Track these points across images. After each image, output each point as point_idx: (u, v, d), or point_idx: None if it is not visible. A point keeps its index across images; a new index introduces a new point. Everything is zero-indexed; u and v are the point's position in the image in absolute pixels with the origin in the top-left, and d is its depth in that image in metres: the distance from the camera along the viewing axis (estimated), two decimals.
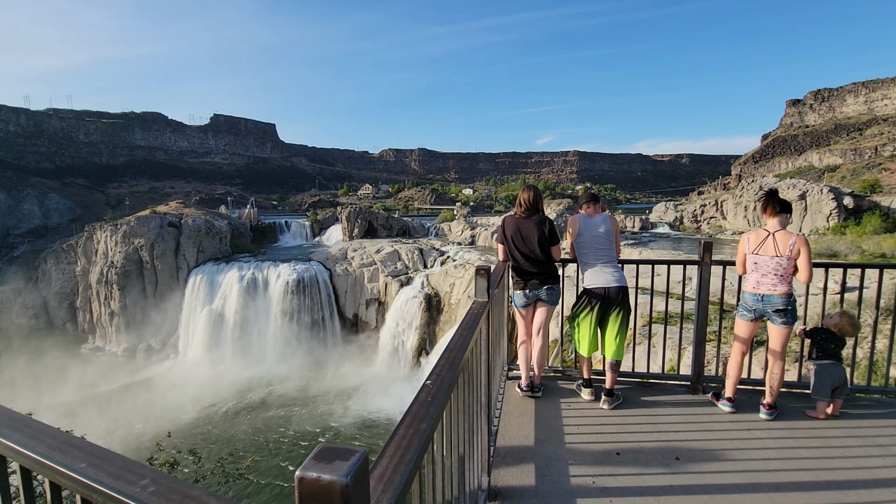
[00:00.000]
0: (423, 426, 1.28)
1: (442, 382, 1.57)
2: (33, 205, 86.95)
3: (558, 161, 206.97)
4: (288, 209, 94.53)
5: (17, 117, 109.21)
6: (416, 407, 1.39)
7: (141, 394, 36.97)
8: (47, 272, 55.07)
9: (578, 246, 5.17)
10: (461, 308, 37.39)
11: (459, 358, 1.93)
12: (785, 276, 4.60)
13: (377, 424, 31.62)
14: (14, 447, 1.04)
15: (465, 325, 2.33)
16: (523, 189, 5.32)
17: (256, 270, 44.59)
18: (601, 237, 5.05)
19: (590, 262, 5.06)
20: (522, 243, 5.07)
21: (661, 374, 5.71)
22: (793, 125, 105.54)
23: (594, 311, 4.93)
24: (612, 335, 4.94)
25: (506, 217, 5.40)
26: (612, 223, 5.13)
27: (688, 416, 4.71)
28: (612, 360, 4.94)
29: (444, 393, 1.51)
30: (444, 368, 1.74)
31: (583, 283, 5.16)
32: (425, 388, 1.51)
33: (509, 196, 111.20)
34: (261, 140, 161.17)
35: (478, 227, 56.21)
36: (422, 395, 1.47)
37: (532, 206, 5.13)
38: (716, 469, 3.69)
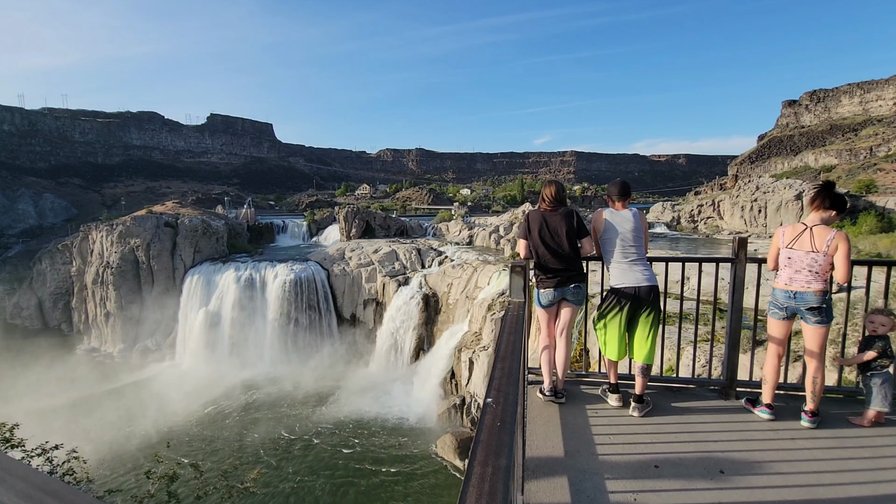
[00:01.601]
0: (502, 462, 1.10)
1: (507, 400, 1.41)
2: (28, 204, 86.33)
3: (556, 161, 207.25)
4: (285, 209, 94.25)
5: (12, 116, 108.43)
6: (485, 434, 1.22)
7: (137, 395, 36.71)
8: (42, 272, 54.66)
9: (604, 243, 4.87)
10: (459, 308, 37.33)
11: (516, 368, 1.75)
12: (820, 272, 4.29)
13: (375, 426, 31.50)
14: None
15: (510, 329, 2.16)
16: (546, 184, 5.12)
17: (254, 271, 44.40)
18: (630, 233, 4.75)
19: (617, 260, 4.75)
20: (550, 237, 4.84)
21: (691, 379, 5.39)
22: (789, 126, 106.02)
23: (623, 312, 4.65)
24: (642, 337, 4.66)
25: (530, 211, 5.15)
26: (641, 218, 4.84)
27: (725, 425, 4.43)
28: (643, 365, 4.65)
29: (512, 413, 1.34)
30: (502, 382, 1.56)
31: (609, 283, 4.86)
32: (489, 409, 1.35)
33: (507, 196, 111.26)
34: (258, 140, 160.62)
35: (475, 227, 56.16)
36: (487, 417, 1.30)
37: (557, 200, 4.96)
38: (765, 483, 3.44)
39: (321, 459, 27.71)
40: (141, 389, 37.80)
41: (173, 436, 30.79)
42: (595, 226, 4.96)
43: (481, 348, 31.47)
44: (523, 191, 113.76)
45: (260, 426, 32.03)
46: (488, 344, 31.18)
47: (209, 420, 33.22)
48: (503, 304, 32.18)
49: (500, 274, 36.44)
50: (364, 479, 25.80)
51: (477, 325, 33.03)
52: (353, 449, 28.95)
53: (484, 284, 36.60)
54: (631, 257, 4.72)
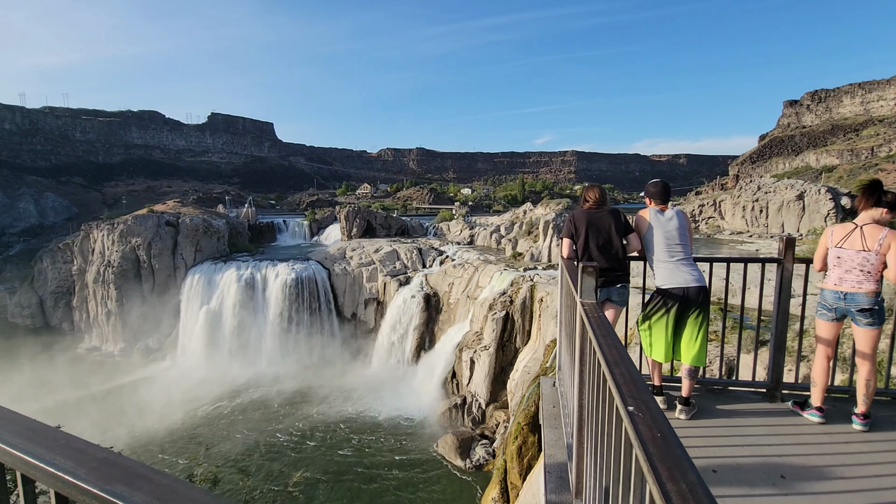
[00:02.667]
0: (692, 477, 1.05)
1: (650, 408, 1.35)
2: (29, 203, 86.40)
3: (556, 161, 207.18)
4: (286, 208, 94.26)
5: (13, 115, 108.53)
6: (652, 447, 1.15)
7: (137, 393, 36.74)
8: (43, 271, 54.69)
9: (648, 242, 4.77)
10: (460, 307, 37.34)
11: (638, 373, 1.67)
12: (872, 272, 4.13)
13: (376, 425, 31.50)
14: None
15: (601, 332, 2.10)
16: (588, 187, 5.10)
17: (254, 270, 44.42)
18: (675, 231, 4.66)
19: (663, 260, 4.66)
20: (597, 234, 4.78)
21: (734, 381, 5.27)
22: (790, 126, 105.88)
23: (670, 313, 4.54)
24: (690, 339, 4.55)
25: (574, 211, 5.12)
26: (685, 218, 4.76)
27: (776, 428, 4.33)
28: (691, 367, 4.55)
29: (665, 422, 1.28)
30: (631, 389, 1.49)
31: (655, 283, 4.74)
32: (638, 419, 1.29)
33: (508, 196, 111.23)
34: (258, 139, 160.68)
35: (476, 226, 56.14)
36: (643, 429, 1.23)
37: (601, 201, 4.94)
38: (829, 489, 3.34)
39: (321, 459, 27.72)
40: (142, 388, 37.83)
41: (175, 433, 30.83)
42: (638, 225, 4.90)
43: (482, 348, 31.46)
44: (524, 190, 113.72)
45: (259, 426, 32.04)
46: (489, 343, 31.17)
47: (209, 419, 33.24)
48: (504, 304, 32.15)
49: (502, 273, 36.41)
50: (364, 478, 25.82)
51: (478, 325, 33.02)
52: (354, 448, 28.96)
53: (485, 284, 36.58)
54: (677, 257, 4.63)
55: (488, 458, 27.07)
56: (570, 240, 4.98)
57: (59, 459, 0.93)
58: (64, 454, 0.95)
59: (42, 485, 0.96)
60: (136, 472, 0.90)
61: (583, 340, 2.57)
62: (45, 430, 1.03)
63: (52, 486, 0.93)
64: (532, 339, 30.88)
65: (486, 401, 30.68)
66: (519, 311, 31.38)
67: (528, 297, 31.53)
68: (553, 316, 28.76)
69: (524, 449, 22.25)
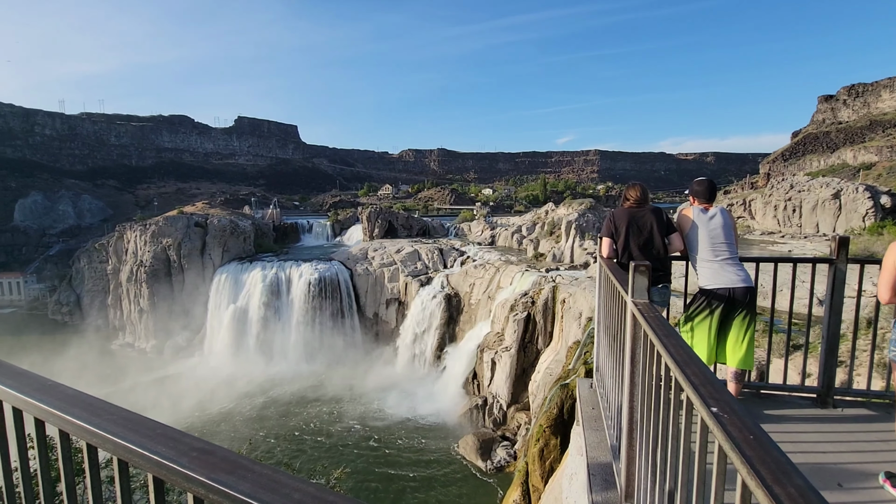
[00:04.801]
0: (799, 481, 1.02)
1: (734, 410, 1.32)
2: (67, 205, 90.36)
3: (579, 160, 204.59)
4: (309, 209, 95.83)
5: (53, 122, 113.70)
6: (748, 448, 1.11)
7: (167, 389, 37.88)
8: (80, 271, 57.08)
9: (691, 241, 4.65)
10: (481, 308, 37.23)
11: (713, 373, 1.61)
12: None
13: (396, 424, 31.70)
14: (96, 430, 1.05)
15: (663, 331, 2.04)
16: (630, 186, 5.02)
17: (279, 270, 45.32)
18: (720, 230, 4.54)
19: (707, 259, 4.52)
20: (639, 233, 4.70)
21: (782, 385, 5.05)
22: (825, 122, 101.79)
23: (714, 314, 4.41)
24: (736, 341, 4.41)
25: (614, 209, 5.05)
26: (730, 216, 4.63)
27: (829, 435, 4.16)
28: (738, 370, 4.42)
29: (756, 424, 1.25)
30: (714, 391, 1.44)
31: (699, 283, 4.61)
32: (725, 421, 1.25)
33: (529, 196, 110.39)
34: (283, 141, 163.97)
35: (498, 227, 55.90)
36: (734, 430, 1.20)
37: (643, 199, 4.87)
38: (889, 497, 3.25)
39: (341, 457, 28.02)
40: (172, 384, 39.02)
41: (201, 428, 31.69)
42: (680, 224, 4.79)
43: (504, 349, 31.29)
44: (546, 190, 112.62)
45: (281, 422, 32.65)
46: (511, 345, 30.97)
47: (234, 415, 34.03)
48: (526, 305, 31.90)
49: (523, 274, 36.15)
50: (384, 477, 25.98)
51: (499, 326, 32.85)
52: (374, 447, 29.19)
53: (506, 285, 36.38)
54: (722, 256, 4.50)
55: (509, 459, 26.90)
56: (609, 239, 4.91)
57: (160, 448, 0.98)
58: (163, 443, 1.00)
59: (137, 469, 1.01)
60: (235, 462, 0.94)
61: (634, 341, 2.51)
62: (141, 420, 1.09)
63: (151, 471, 0.98)
64: (554, 341, 30.53)
65: (508, 402, 30.50)
66: (541, 313, 31.09)
67: (551, 299, 31.20)
68: (576, 318, 28.35)
69: (546, 451, 22.02)
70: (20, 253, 77.98)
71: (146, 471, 0.99)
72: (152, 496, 1.01)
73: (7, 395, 1.27)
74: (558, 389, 23.90)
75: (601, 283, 4.67)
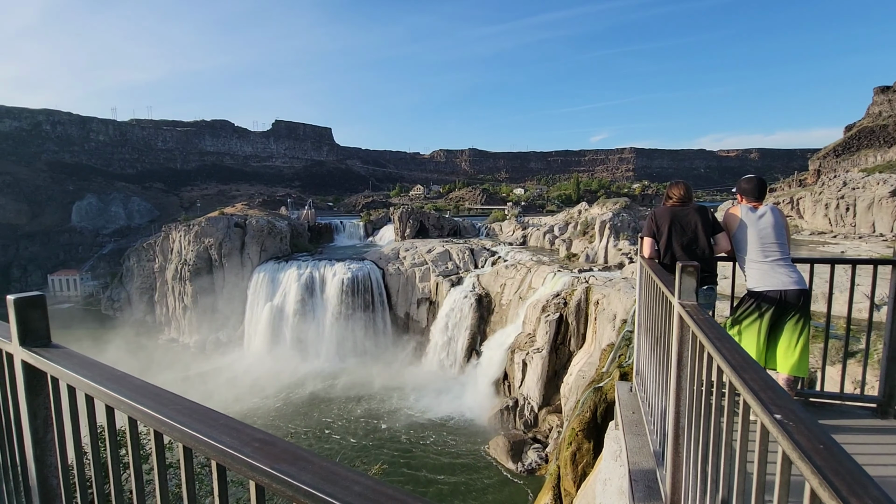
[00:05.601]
0: (875, 492, 0.98)
1: (800, 417, 1.26)
2: (119, 207, 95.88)
3: (613, 159, 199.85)
4: (343, 210, 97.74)
5: (106, 128, 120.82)
6: (819, 458, 1.07)
7: (208, 383, 39.53)
8: (130, 269, 60.39)
9: (739, 241, 4.48)
10: (512, 309, 36.97)
11: (773, 379, 1.57)
12: None
13: (427, 424, 31.90)
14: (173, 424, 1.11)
15: (715, 334, 1.97)
16: (673, 184, 4.86)
17: (314, 269, 46.49)
18: (771, 230, 4.35)
19: (757, 260, 4.34)
20: (682, 232, 4.55)
21: (838, 394, 4.79)
22: (882, 114, 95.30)
23: (764, 317, 4.21)
24: (788, 346, 4.20)
25: (656, 208, 4.92)
26: (780, 215, 4.45)
27: (891, 447, 3.93)
28: (791, 377, 4.19)
29: (824, 432, 1.20)
30: (776, 396, 1.38)
31: (747, 285, 4.44)
32: (792, 429, 1.20)
33: (562, 195, 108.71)
34: (318, 144, 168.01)
35: (529, 227, 55.34)
36: (802, 439, 1.15)
37: (686, 198, 4.73)
38: None
39: (371, 455, 28.41)
40: (213, 378, 40.71)
41: None
42: (727, 223, 4.62)
43: (535, 350, 30.96)
44: (579, 190, 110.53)
45: (313, 418, 33.48)
46: (542, 346, 30.61)
47: (268, 410, 35.14)
48: (558, 306, 31.44)
49: (556, 275, 35.65)
50: (414, 476, 26.19)
51: (531, 327, 32.52)
52: (404, 445, 29.47)
53: (538, 285, 35.98)
54: (773, 257, 4.31)
55: (540, 462, 26.59)
56: (651, 239, 4.76)
57: (224, 437, 1.03)
58: (226, 433, 1.04)
59: (202, 455, 1.07)
60: (295, 454, 0.97)
61: (680, 344, 2.44)
62: (204, 410, 1.16)
63: (215, 458, 1.03)
64: (587, 343, 29.96)
65: (539, 404, 30.15)
66: (573, 314, 30.57)
67: (584, 300, 30.64)
68: (610, 319, 27.72)
69: (579, 455, 21.63)
70: (77, 252, 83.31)
71: (210, 458, 1.04)
72: (215, 482, 1.07)
73: (80, 383, 1.36)
74: (591, 393, 23.44)
75: (642, 283, 4.52)
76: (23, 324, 1.53)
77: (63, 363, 1.44)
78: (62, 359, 1.48)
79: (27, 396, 1.57)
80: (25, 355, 1.54)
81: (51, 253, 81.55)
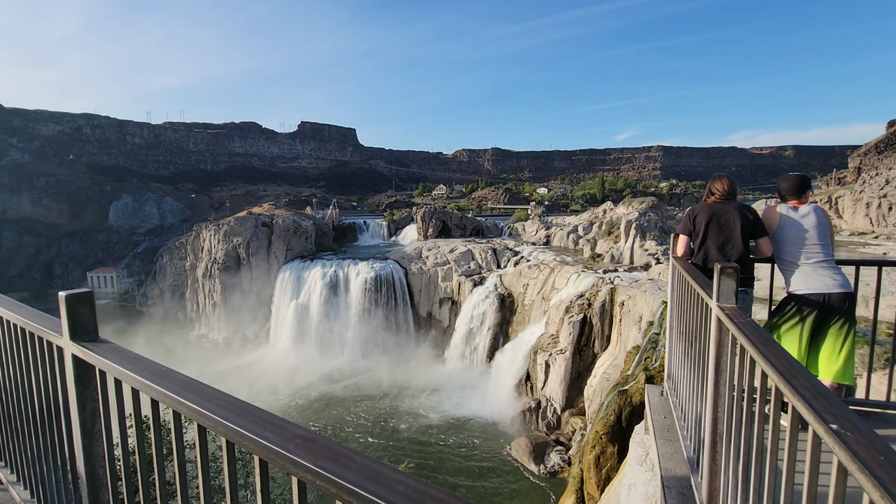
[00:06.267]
0: None
1: (855, 425, 1.23)
2: (153, 207, 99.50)
3: (640, 157, 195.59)
4: (366, 209, 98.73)
5: (141, 131, 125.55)
6: (880, 470, 1.05)
7: (235, 379, 40.54)
8: (163, 267, 62.61)
9: (779, 242, 4.31)
10: (535, 309, 36.66)
11: (825, 386, 1.52)
12: None
13: (449, 423, 31.95)
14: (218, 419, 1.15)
15: (765, 340, 1.92)
16: (715, 178, 4.69)
17: (338, 268, 47.18)
18: (814, 230, 4.17)
19: (798, 262, 4.17)
20: (719, 231, 4.37)
21: (886, 403, 4.55)
22: None
23: (806, 322, 4.04)
24: (832, 352, 4.01)
25: (695, 205, 4.73)
26: (824, 214, 4.28)
27: None
28: (834, 384, 4.00)
29: (878, 438, 1.17)
30: (829, 404, 1.34)
31: (788, 288, 4.26)
32: (848, 439, 1.17)
33: (586, 195, 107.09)
34: (342, 144, 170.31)
35: (553, 226, 54.75)
36: (860, 450, 1.13)
37: (729, 194, 4.54)
38: None
39: (393, 453, 28.65)
40: (241, 373, 41.78)
41: None
42: (768, 223, 4.44)
43: (558, 351, 30.62)
44: (604, 189, 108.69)
45: (336, 415, 33.97)
46: (566, 347, 30.25)
47: (292, 406, 35.85)
48: (582, 307, 31.02)
49: (580, 275, 35.17)
50: (435, 475, 26.25)
51: (554, 328, 32.18)
52: (425, 444, 29.59)
53: (561, 286, 35.56)
54: (815, 258, 4.13)
55: (563, 465, 26.29)
56: (686, 237, 4.60)
57: (267, 433, 1.05)
58: (269, 429, 1.07)
59: (245, 450, 1.10)
60: (337, 451, 0.98)
61: (719, 348, 2.37)
62: (247, 407, 1.20)
63: (258, 454, 1.05)
64: (612, 345, 29.45)
65: (562, 406, 29.82)
66: (597, 315, 30.10)
67: (608, 301, 30.13)
68: (636, 321, 27.16)
69: (602, 459, 21.28)
70: (114, 250, 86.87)
71: (254, 453, 1.06)
72: (258, 477, 1.09)
73: (126, 377, 1.42)
74: (616, 395, 23.02)
75: (674, 284, 4.39)
76: (73, 319, 1.60)
77: (111, 357, 1.50)
78: (110, 353, 1.54)
79: (76, 388, 1.64)
80: (75, 349, 1.61)
81: (90, 251, 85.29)
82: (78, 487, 1.72)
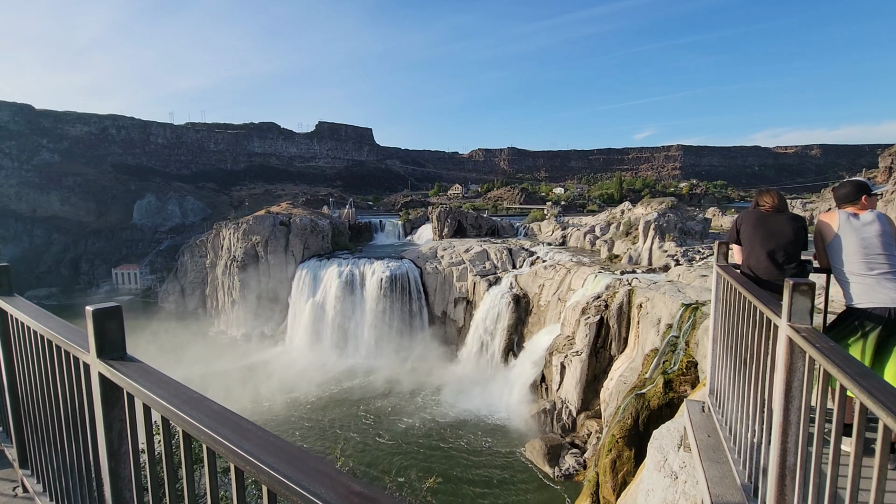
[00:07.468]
0: None
1: None
2: (175, 206, 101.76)
3: (659, 156, 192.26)
4: (382, 209, 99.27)
5: (164, 131, 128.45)
6: None
7: (252, 375, 41.13)
8: (184, 264, 63.94)
9: (836, 251, 4.04)
10: (550, 310, 36.34)
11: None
12: None
13: (463, 424, 31.86)
14: None
15: (861, 371, 1.79)
16: (762, 192, 4.50)
17: (354, 267, 47.53)
18: (877, 239, 3.92)
19: (859, 273, 3.91)
20: (768, 239, 4.18)
21: None
22: None
23: (869, 338, 3.79)
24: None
25: (744, 212, 4.57)
26: (888, 222, 4.01)
27: None
28: None
29: None
30: None
31: (848, 302, 4.02)
32: None
33: (603, 195, 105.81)
34: (359, 144, 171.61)
35: (569, 227, 54.21)
36: None
37: (778, 208, 4.36)
38: None
39: (407, 453, 28.70)
40: (259, 370, 42.38)
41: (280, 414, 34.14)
42: (822, 231, 4.21)
43: (574, 353, 30.31)
44: (621, 189, 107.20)
45: (350, 413, 34.15)
46: (582, 349, 29.93)
47: (306, 403, 36.17)
48: (598, 308, 30.64)
49: (596, 276, 34.75)
50: (449, 476, 26.09)
51: (570, 329, 31.86)
52: (439, 444, 29.56)
53: (578, 287, 35.18)
54: (879, 269, 3.87)
55: (578, 468, 26.02)
56: (738, 245, 4.47)
57: (318, 487, 0.91)
58: (318, 480, 0.93)
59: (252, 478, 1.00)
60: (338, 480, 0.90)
61: (789, 373, 2.22)
62: (294, 451, 1.06)
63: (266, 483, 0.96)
64: (629, 348, 29.04)
65: (577, 408, 29.50)
66: (615, 317, 29.70)
67: (626, 303, 29.69)
68: (654, 324, 26.71)
69: (619, 463, 21.00)
70: (137, 248, 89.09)
71: (257, 479, 0.97)
72: None
73: (156, 404, 1.31)
74: (633, 399, 22.67)
75: (720, 294, 4.20)
76: (100, 335, 1.52)
77: (139, 380, 1.42)
78: (138, 374, 1.46)
79: (103, 408, 1.57)
80: (103, 368, 1.53)
81: (114, 248, 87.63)
82: None
